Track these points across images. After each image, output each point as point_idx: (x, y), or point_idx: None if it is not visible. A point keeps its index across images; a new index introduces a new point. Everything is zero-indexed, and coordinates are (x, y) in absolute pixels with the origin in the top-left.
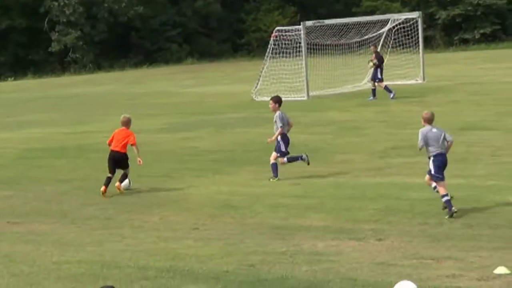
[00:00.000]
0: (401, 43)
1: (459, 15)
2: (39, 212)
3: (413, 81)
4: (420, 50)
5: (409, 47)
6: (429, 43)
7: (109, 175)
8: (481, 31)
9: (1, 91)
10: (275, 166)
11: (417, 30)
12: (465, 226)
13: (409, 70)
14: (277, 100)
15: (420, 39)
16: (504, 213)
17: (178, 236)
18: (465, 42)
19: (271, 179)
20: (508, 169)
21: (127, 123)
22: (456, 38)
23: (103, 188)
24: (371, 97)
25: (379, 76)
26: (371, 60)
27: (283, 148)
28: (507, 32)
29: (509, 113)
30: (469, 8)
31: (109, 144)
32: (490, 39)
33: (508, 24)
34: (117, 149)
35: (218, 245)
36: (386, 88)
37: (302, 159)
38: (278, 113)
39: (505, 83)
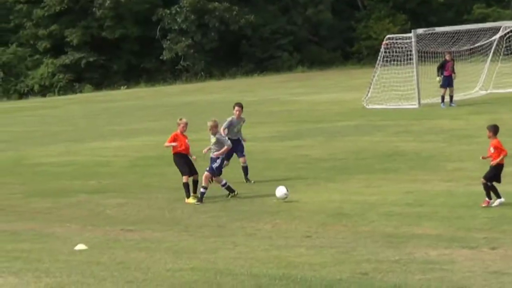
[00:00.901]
0: None
1: None
2: (152, 219)
3: None
4: None
5: None
6: None
7: None
8: None
9: (115, 100)
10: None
11: None
12: None
13: None
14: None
15: None
16: None
17: (290, 244)
18: None
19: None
20: None
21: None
22: None
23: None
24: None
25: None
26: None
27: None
28: None
29: None
30: None
31: None
32: None
33: None
34: None
35: (330, 253)
36: (443, 96)
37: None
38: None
39: None
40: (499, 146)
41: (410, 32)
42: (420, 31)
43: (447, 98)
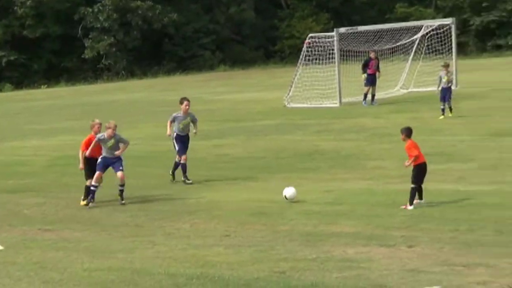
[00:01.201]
0: (434, 49)
1: (493, 21)
2: (70, 219)
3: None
4: (453, 57)
5: (442, 53)
6: (462, 50)
7: None
8: None
9: (35, 99)
10: None
11: (451, 36)
12: (496, 232)
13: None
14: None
15: (454, 46)
16: None
17: (208, 243)
18: (498, 48)
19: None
20: None
21: None
22: (489, 44)
23: None
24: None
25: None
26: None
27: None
28: None
29: None
30: (504, 14)
31: None
32: None
33: None
34: None
35: (248, 252)
36: (365, 94)
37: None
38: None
39: None
40: (409, 148)
41: (333, 31)
42: (342, 30)
43: (369, 97)
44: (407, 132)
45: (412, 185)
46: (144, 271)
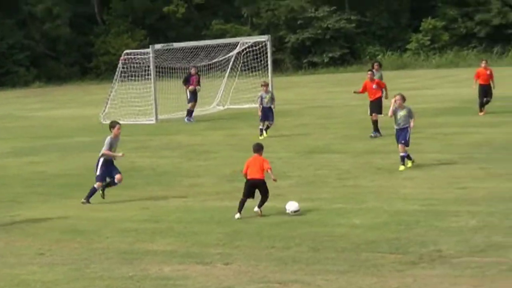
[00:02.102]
0: (250, 66)
1: (308, 39)
2: None
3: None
4: (269, 74)
5: (258, 70)
6: (278, 67)
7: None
8: (330, 54)
9: None
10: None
11: (266, 53)
12: (312, 249)
13: (257, 94)
14: None
15: (269, 63)
16: (350, 236)
17: (23, 261)
18: (314, 66)
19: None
20: (354, 192)
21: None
22: (305, 61)
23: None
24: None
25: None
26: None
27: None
28: (355, 56)
29: (356, 136)
30: (319, 31)
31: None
32: (338, 62)
33: (356, 48)
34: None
35: (63, 270)
36: (189, 111)
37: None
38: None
39: (353, 107)
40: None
41: (149, 47)
42: (158, 46)
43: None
44: (253, 148)
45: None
46: None
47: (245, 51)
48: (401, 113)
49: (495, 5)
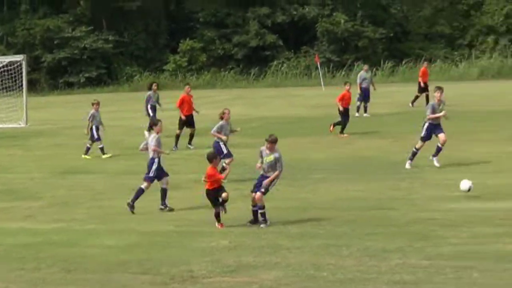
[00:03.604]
0: (5, 86)
1: (65, 59)
2: None
3: (16, 125)
4: (24, 93)
5: (13, 90)
6: (34, 86)
7: None
8: (87, 74)
9: None
10: None
11: (21, 73)
12: (63, 270)
13: (12, 113)
14: None
15: (24, 82)
16: (102, 257)
17: None
18: (70, 86)
19: None
20: (108, 213)
21: None
22: (61, 81)
23: None
24: None
25: None
26: None
27: None
28: (112, 76)
29: (112, 157)
30: (76, 51)
31: None
32: (95, 82)
33: (113, 68)
34: None
35: None
36: None
37: None
38: None
39: (111, 127)
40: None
41: None
42: None
43: None
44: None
45: None
46: None
47: (0, 71)
48: None
49: (253, 27)
